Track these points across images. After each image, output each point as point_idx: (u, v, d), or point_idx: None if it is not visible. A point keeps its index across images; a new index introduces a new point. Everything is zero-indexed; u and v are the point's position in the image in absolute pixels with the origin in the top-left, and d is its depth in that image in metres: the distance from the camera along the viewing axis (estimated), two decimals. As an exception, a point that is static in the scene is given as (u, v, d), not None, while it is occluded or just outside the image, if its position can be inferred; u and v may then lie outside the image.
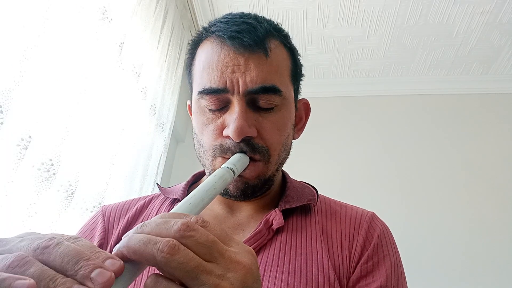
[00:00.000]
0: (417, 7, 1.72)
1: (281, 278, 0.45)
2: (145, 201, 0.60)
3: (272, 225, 0.50)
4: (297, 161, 1.01)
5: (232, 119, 0.48)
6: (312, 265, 0.47)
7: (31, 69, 0.77)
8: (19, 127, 0.74)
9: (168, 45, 1.57)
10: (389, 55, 2.02)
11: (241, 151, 0.49)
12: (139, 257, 0.26)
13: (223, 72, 0.48)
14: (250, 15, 0.54)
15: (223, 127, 0.50)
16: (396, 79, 2.18)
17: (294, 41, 0.58)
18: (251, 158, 0.49)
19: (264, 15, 0.56)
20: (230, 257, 0.28)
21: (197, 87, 0.52)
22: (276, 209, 0.53)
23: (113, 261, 0.24)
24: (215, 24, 0.53)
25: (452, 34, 1.86)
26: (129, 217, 0.56)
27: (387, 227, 0.55)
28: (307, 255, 0.48)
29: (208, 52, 0.51)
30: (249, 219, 0.54)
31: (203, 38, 0.54)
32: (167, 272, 0.26)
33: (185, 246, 0.26)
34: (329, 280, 0.45)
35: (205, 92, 0.50)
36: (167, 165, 1.75)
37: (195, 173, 0.63)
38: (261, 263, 0.47)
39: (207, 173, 0.55)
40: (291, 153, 0.58)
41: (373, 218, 0.55)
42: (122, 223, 0.55)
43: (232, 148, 0.49)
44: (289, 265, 0.47)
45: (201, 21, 1.87)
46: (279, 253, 0.48)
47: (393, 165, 2.00)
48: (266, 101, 0.50)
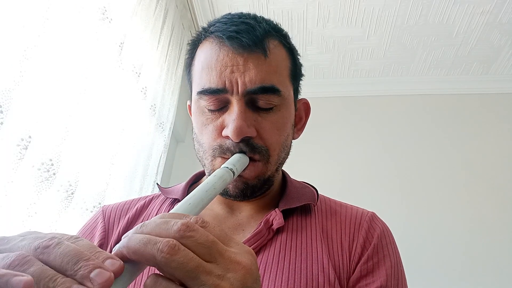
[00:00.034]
0: (417, 7, 1.71)
1: (281, 278, 0.45)
2: (145, 201, 0.60)
3: (272, 225, 0.50)
4: (297, 161, 1.01)
5: (231, 119, 0.48)
6: (312, 265, 0.47)
7: (31, 69, 0.77)
8: (19, 127, 0.74)
9: (168, 45, 1.57)
10: (389, 55, 2.02)
11: (240, 151, 0.49)
12: (139, 257, 0.26)
13: (222, 72, 0.48)
14: (249, 15, 0.54)
15: (222, 127, 0.50)
16: (396, 79, 2.18)
17: (294, 41, 0.58)
18: (250, 158, 0.49)
19: (264, 15, 0.56)
20: (229, 257, 0.28)
21: (196, 88, 0.52)
22: (276, 209, 0.53)
23: (112, 261, 0.24)
24: (214, 25, 0.53)
25: (452, 34, 1.86)
26: (129, 217, 0.56)
27: (387, 227, 0.55)
28: (307, 255, 0.48)
29: (207, 52, 0.51)
30: (249, 219, 0.54)
31: (202, 39, 0.54)
32: (167, 272, 0.26)
33: (185, 246, 0.26)
34: (329, 280, 0.45)
35: (204, 92, 0.50)
36: (167, 165, 1.75)
37: (195, 173, 0.63)
38: (261, 263, 0.47)
39: (206, 173, 0.55)
40: (291, 153, 0.58)
41: (373, 218, 0.55)
42: (122, 223, 0.55)
43: (232, 148, 0.49)
44: (289, 265, 0.46)
45: (201, 21, 1.87)
46: (279, 253, 0.48)
47: (393, 165, 2.00)
48: (265, 101, 0.49)
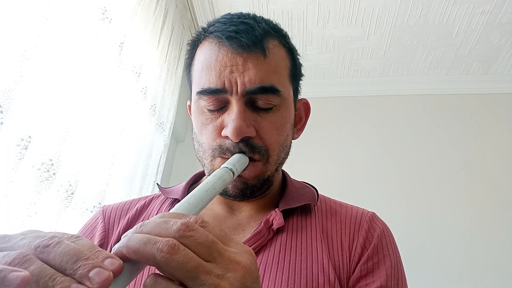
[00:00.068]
0: (417, 7, 1.71)
1: (281, 278, 0.45)
2: (145, 201, 0.60)
3: (272, 225, 0.50)
4: (297, 161, 1.01)
5: (230, 119, 0.48)
6: (312, 265, 0.47)
7: (31, 69, 0.77)
8: (19, 127, 0.74)
9: (168, 45, 1.57)
10: (389, 55, 2.02)
11: (240, 151, 0.49)
12: (139, 256, 0.26)
13: (221, 73, 0.48)
14: (249, 15, 0.54)
15: (222, 127, 0.50)
16: (396, 79, 2.18)
17: (294, 41, 0.58)
18: (250, 158, 0.49)
19: (264, 15, 0.56)
20: (229, 257, 0.28)
21: (196, 88, 0.52)
22: (276, 209, 0.53)
23: (112, 260, 0.24)
24: (213, 25, 0.53)
25: (452, 34, 1.86)
26: (129, 217, 0.56)
27: (388, 227, 0.55)
28: (307, 255, 0.48)
29: (206, 52, 0.51)
30: (249, 219, 0.54)
31: (201, 39, 0.54)
32: (167, 271, 0.26)
33: (184, 246, 0.26)
34: (329, 280, 0.45)
35: (204, 92, 0.50)
36: (167, 165, 1.75)
37: (195, 173, 0.63)
38: (261, 263, 0.47)
39: (206, 173, 0.55)
40: (291, 153, 0.58)
41: (373, 218, 0.55)
42: (122, 223, 0.55)
43: (231, 149, 0.49)
44: (289, 265, 0.46)
45: (201, 21, 1.87)
46: (279, 253, 0.48)
47: (393, 165, 2.00)
48: (264, 101, 0.49)
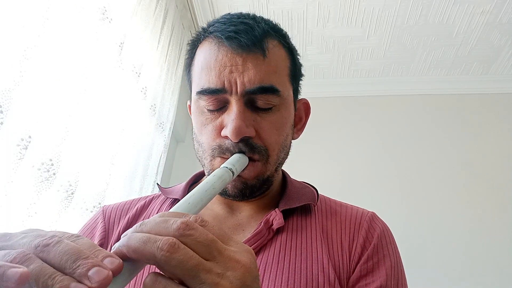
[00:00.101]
0: (417, 7, 1.71)
1: (281, 278, 0.45)
2: (145, 201, 0.60)
3: (272, 225, 0.50)
4: (297, 161, 1.01)
5: (230, 119, 0.48)
6: (312, 265, 0.47)
7: (31, 69, 0.77)
8: (19, 127, 0.74)
9: (168, 45, 1.57)
10: (389, 55, 2.02)
11: (239, 151, 0.49)
12: (139, 255, 0.26)
13: (221, 73, 0.48)
14: (248, 15, 0.54)
15: (221, 127, 0.50)
16: (396, 79, 2.18)
17: (294, 41, 0.58)
18: (250, 158, 0.49)
19: (264, 15, 0.56)
20: (229, 256, 0.28)
21: (196, 88, 0.52)
22: (276, 209, 0.53)
23: (112, 259, 0.24)
24: (213, 25, 0.53)
25: (452, 34, 1.86)
26: (129, 217, 0.56)
27: (388, 227, 0.55)
28: (307, 255, 0.48)
29: (206, 52, 0.52)
30: (249, 219, 0.54)
31: (201, 39, 0.54)
32: (167, 270, 0.26)
33: (184, 245, 0.26)
34: (329, 280, 0.45)
35: (204, 92, 0.50)
36: (167, 165, 1.75)
37: (195, 173, 0.63)
38: (261, 263, 0.47)
39: (206, 173, 0.55)
40: (291, 153, 0.58)
41: (373, 218, 0.55)
42: (122, 223, 0.55)
43: (231, 149, 0.49)
44: (289, 265, 0.46)
45: (201, 21, 1.87)
46: (279, 253, 0.48)
47: (393, 165, 2.00)
48: (264, 101, 0.49)
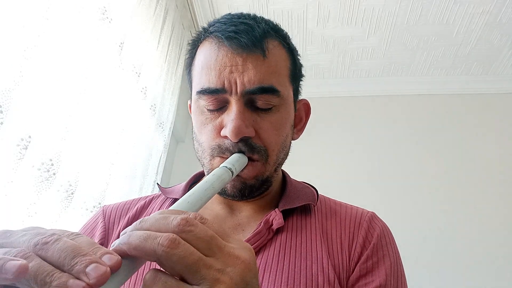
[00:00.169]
0: (417, 7, 1.71)
1: (281, 278, 0.45)
2: (145, 201, 0.60)
3: (272, 225, 0.50)
4: (297, 161, 1.01)
5: (229, 119, 0.48)
6: (312, 265, 0.47)
7: (31, 69, 0.77)
8: (19, 127, 0.74)
9: (168, 45, 1.57)
10: (389, 55, 2.02)
11: (239, 151, 0.49)
12: (140, 252, 0.26)
13: (221, 73, 0.49)
14: (249, 15, 0.54)
15: (221, 127, 0.50)
16: (396, 79, 2.18)
17: (294, 41, 0.58)
18: (249, 158, 0.49)
19: (264, 15, 0.56)
20: (229, 252, 0.28)
21: (196, 87, 0.52)
22: (276, 209, 0.53)
23: (110, 256, 0.25)
24: (213, 25, 0.53)
25: (452, 34, 1.86)
26: (129, 217, 0.56)
27: (387, 227, 0.55)
28: (307, 255, 0.48)
29: (206, 52, 0.52)
30: (249, 219, 0.54)
31: (202, 39, 0.54)
32: (168, 266, 0.26)
33: (185, 241, 0.26)
34: (329, 280, 0.45)
35: (204, 92, 0.50)
36: (167, 165, 1.75)
37: (195, 173, 0.63)
38: (261, 263, 0.47)
39: (205, 173, 0.55)
40: (291, 153, 0.58)
41: (373, 218, 0.55)
42: (122, 223, 0.56)
43: (231, 148, 0.49)
44: (289, 265, 0.47)
45: (201, 21, 1.87)
46: (279, 253, 0.48)
47: (393, 165, 2.00)
48: (264, 102, 0.50)
